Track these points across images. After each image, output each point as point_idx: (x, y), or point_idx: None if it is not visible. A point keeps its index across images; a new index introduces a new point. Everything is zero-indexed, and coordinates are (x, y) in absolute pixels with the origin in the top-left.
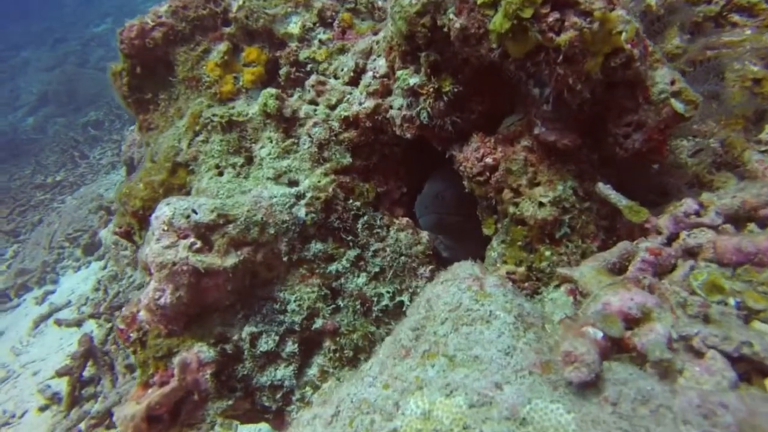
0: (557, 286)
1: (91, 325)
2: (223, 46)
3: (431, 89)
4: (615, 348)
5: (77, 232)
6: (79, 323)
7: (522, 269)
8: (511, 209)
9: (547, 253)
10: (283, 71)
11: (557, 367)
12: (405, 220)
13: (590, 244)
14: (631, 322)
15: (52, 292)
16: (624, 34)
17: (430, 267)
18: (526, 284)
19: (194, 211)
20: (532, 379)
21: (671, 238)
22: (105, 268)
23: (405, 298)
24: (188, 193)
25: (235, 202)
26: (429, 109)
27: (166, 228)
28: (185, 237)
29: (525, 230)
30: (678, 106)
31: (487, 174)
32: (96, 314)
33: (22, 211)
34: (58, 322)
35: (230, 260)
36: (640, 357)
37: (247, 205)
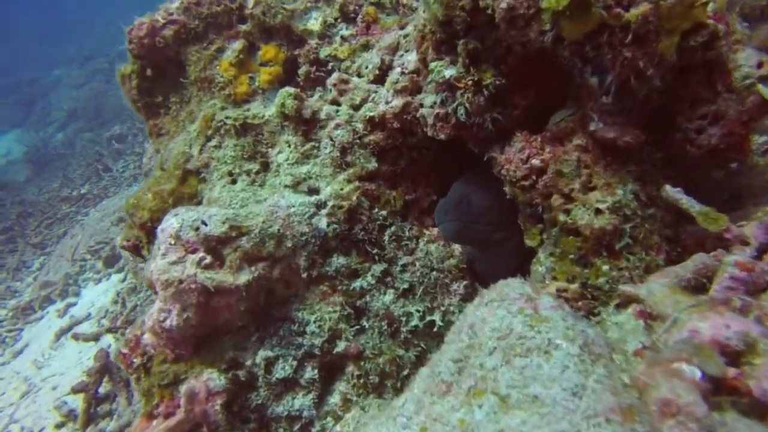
0: (618, 306)
1: (108, 340)
2: (238, 45)
3: (470, 82)
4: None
5: (99, 244)
6: (96, 338)
7: (575, 286)
8: (562, 217)
9: (605, 267)
10: (302, 70)
11: (644, 415)
12: (436, 230)
13: (655, 256)
14: (731, 356)
15: (74, 304)
16: (711, 4)
17: (464, 282)
18: (580, 303)
19: (204, 223)
20: (611, 430)
21: (762, 250)
22: (124, 280)
23: (437, 317)
24: (199, 203)
25: (249, 212)
26: (467, 105)
27: (173, 242)
28: (194, 251)
29: (578, 241)
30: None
31: (533, 178)
32: (113, 328)
33: (50, 223)
34: (76, 337)
35: (243, 277)
36: (758, 406)
37: (262, 216)
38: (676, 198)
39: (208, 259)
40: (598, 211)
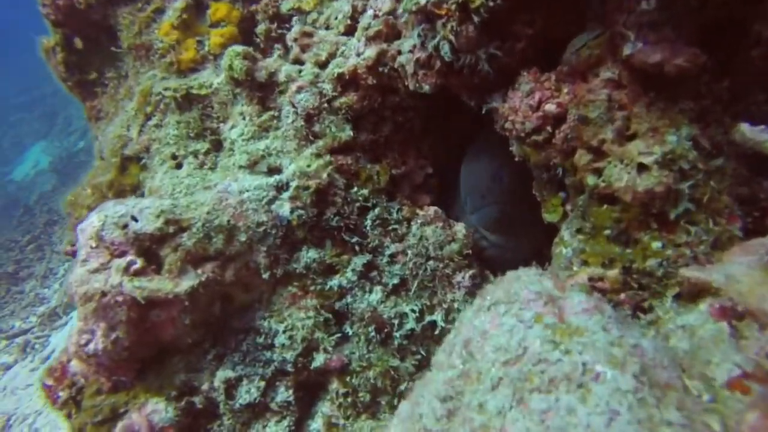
0: (679, 297)
1: None
2: (180, 3)
3: (453, 6)
4: None
5: None
6: None
7: (614, 272)
8: (591, 180)
9: (656, 244)
10: (261, 29)
11: None
12: (432, 210)
13: (726, 225)
14: None
15: None
16: None
17: (470, 272)
18: (623, 296)
19: (134, 219)
20: None
21: None
22: None
23: (437, 317)
24: (143, 195)
25: (191, 202)
26: (452, 39)
27: (94, 244)
28: (121, 255)
29: (616, 211)
30: None
31: (549, 129)
32: None
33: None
34: None
35: (186, 283)
36: None
37: (207, 205)
38: (759, 140)
39: (139, 264)
40: (642, 167)
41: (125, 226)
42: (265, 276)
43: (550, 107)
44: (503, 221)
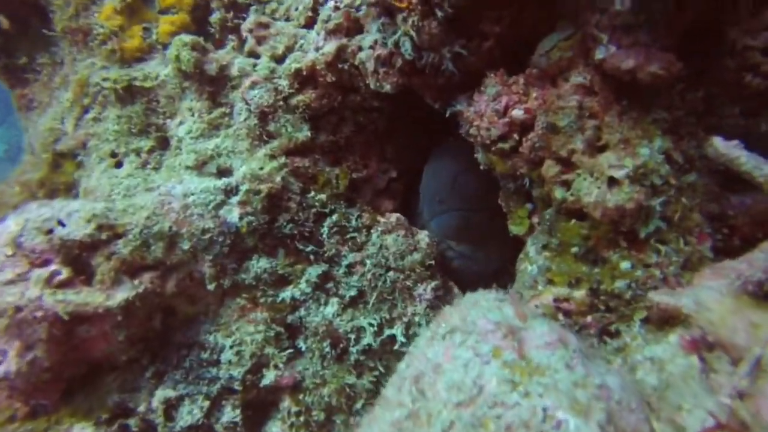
0: (648, 323)
1: None
2: None
3: None
4: None
5: None
6: None
7: (581, 293)
8: (559, 193)
9: (625, 264)
10: (215, 17)
11: None
12: (394, 217)
13: (696, 245)
14: None
15: None
16: None
17: (433, 284)
18: (589, 318)
19: (61, 223)
20: None
21: None
22: None
23: (397, 330)
24: (75, 197)
25: (128, 205)
26: (414, 34)
27: (9, 252)
28: (44, 264)
29: (584, 227)
30: None
31: (515, 137)
32: None
33: None
34: None
35: (121, 295)
36: None
37: (147, 209)
38: (731, 156)
39: (64, 274)
40: (612, 182)
41: (50, 232)
42: (211, 287)
43: (518, 113)
44: (463, 228)
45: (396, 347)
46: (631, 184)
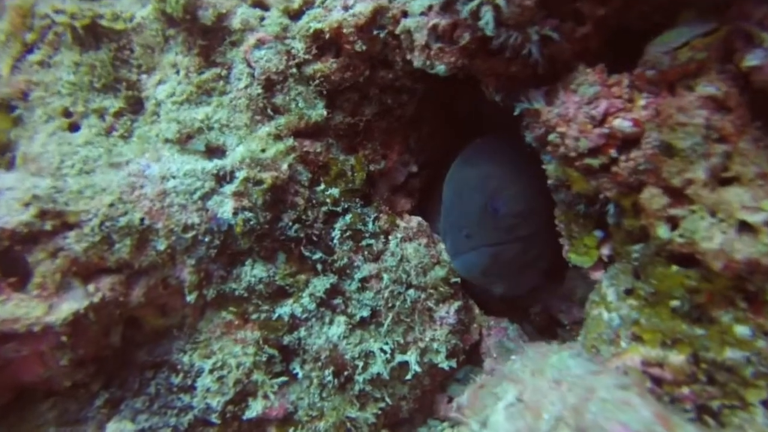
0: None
1: None
2: None
3: None
4: None
5: None
6: None
7: (680, 358)
8: (663, 231)
9: (742, 330)
10: None
11: None
12: (415, 221)
13: None
14: None
15: None
16: None
17: (456, 305)
18: (686, 391)
19: None
20: None
21: None
22: None
23: (411, 357)
24: (10, 163)
25: (85, 185)
26: (503, 3)
27: None
28: None
29: (693, 278)
30: None
31: (612, 153)
32: None
33: None
34: None
35: (67, 306)
36: None
37: (111, 193)
38: None
39: None
40: (744, 227)
41: None
42: (191, 298)
43: (622, 124)
44: (492, 267)
45: (408, 376)
46: None
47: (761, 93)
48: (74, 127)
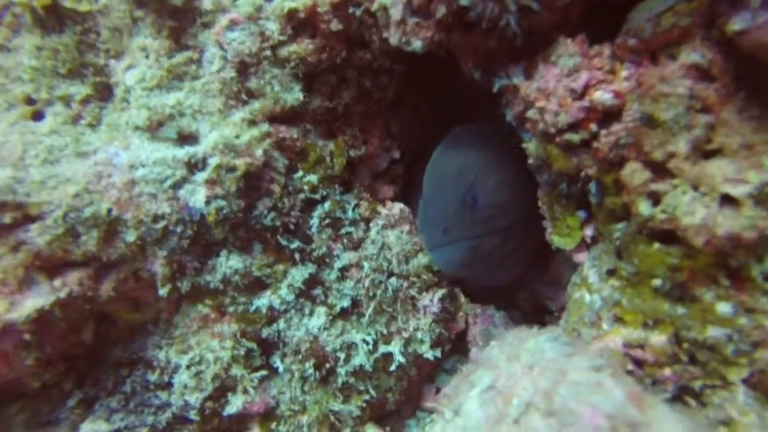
0: (751, 389)
1: None
2: None
3: None
4: None
5: None
6: None
7: (661, 339)
8: (644, 207)
9: (723, 307)
10: None
11: None
12: (397, 208)
13: None
14: None
15: None
16: None
17: (440, 292)
18: (668, 371)
19: None
20: None
21: None
22: None
23: (395, 347)
24: None
25: (48, 175)
26: None
27: None
28: None
29: (674, 255)
30: None
31: (593, 127)
32: None
33: None
34: None
35: (31, 303)
36: None
37: (76, 183)
38: None
39: None
40: (727, 200)
41: None
42: (164, 292)
43: (603, 96)
44: (470, 261)
45: (392, 367)
46: (755, 206)
47: (747, 60)
48: (38, 116)
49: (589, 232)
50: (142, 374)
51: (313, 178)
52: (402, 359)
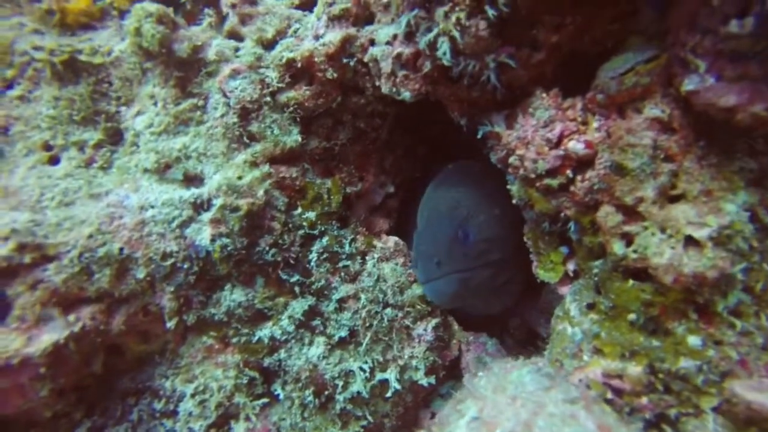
0: (720, 415)
1: None
2: None
3: None
4: None
5: None
6: None
7: (637, 369)
8: (618, 247)
9: (693, 340)
10: None
11: None
12: (392, 241)
13: None
14: None
15: None
16: None
17: (434, 322)
18: (645, 400)
19: None
20: None
21: None
22: None
23: (391, 375)
24: None
25: (64, 217)
26: (457, 34)
27: None
28: None
29: (647, 292)
30: None
31: (569, 174)
32: None
33: None
34: None
35: (47, 338)
36: None
37: (90, 225)
38: None
39: None
40: (690, 242)
41: None
42: (171, 324)
43: (576, 146)
44: (462, 294)
45: (388, 393)
46: (715, 247)
47: (704, 115)
48: (54, 160)
49: (571, 266)
50: (149, 403)
51: (311, 214)
52: (398, 386)
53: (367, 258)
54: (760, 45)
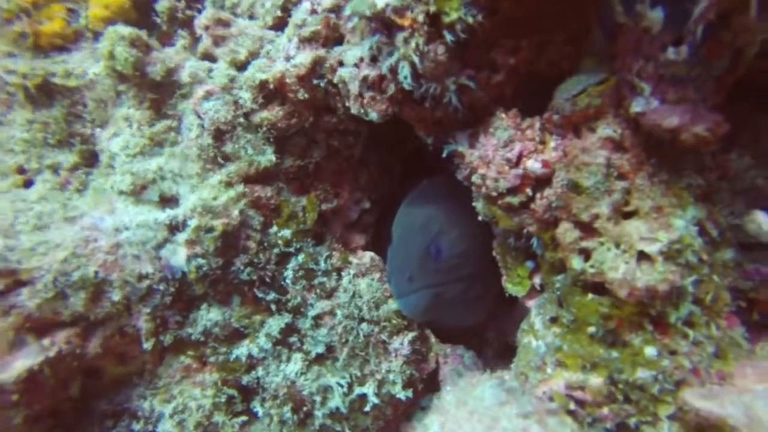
0: (675, 422)
1: None
2: None
3: (422, 17)
4: None
5: None
6: None
7: (598, 381)
8: (577, 263)
9: (650, 351)
10: (163, 5)
11: None
12: (368, 257)
13: (727, 330)
14: None
15: None
16: None
17: (410, 335)
18: (606, 410)
19: None
20: None
21: None
22: None
23: (369, 389)
24: None
25: (38, 242)
26: (416, 59)
27: None
28: None
29: (605, 305)
30: None
31: (528, 192)
32: None
33: None
34: None
35: (20, 364)
36: None
37: (64, 248)
38: None
39: None
40: (643, 256)
41: None
42: (147, 345)
43: (534, 166)
44: (434, 308)
45: (367, 407)
46: (665, 261)
47: (651, 135)
48: (28, 184)
49: (537, 280)
50: (128, 425)
51: (286, 232)
52: (376, 400)
53: (342, 274)
54: (695, 71)
